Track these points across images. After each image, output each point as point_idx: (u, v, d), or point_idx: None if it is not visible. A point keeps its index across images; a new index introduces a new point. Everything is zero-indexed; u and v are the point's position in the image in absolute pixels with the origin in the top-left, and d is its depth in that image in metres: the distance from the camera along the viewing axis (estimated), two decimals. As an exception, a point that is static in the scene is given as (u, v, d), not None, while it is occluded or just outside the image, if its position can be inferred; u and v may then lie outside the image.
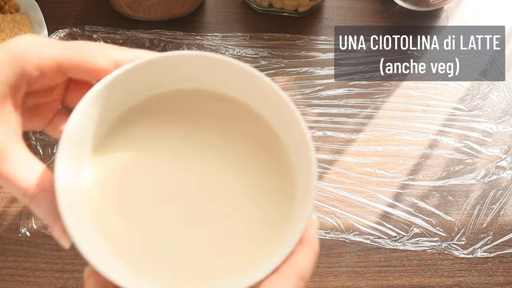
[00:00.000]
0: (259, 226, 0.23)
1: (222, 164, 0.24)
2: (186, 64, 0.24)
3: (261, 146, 0.25)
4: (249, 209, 0.24)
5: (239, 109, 0.25)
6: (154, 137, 0.25)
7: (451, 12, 0.59)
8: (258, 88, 0.23)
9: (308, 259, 0.22)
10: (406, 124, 0.51)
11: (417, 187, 0.48)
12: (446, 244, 0.46)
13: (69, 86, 0.26)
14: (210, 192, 0.24)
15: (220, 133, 0.25)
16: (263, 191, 0.24)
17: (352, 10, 0.58)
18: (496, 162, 0.49)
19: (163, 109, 0.26)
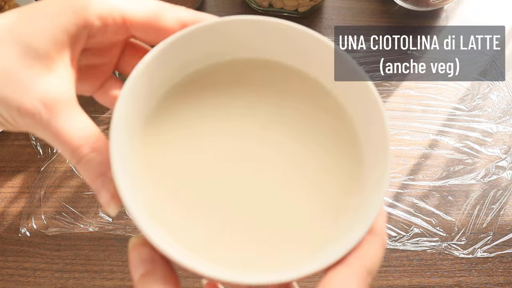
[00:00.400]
0: (329, 197, 0.22)
1: (288, 134, 0.23)
2: (251, 31, 0.22)
3: (322, 110, 0.23)
4: (319, 177, 0.22)
5: (296, 77, 0.24)
6: (212, 108, 0.23)
7: (451, 12, 0.59)
8: (321, 55, 0.22)
9: (377, 252, 0.20)
10: (406, 124, 0.51)
11: (417, 187, 0.48)
12: (446, 244, 0.45)
13: (125, 50, 0.25)
14: (278, 163, 0.22)
15: (282, 103, 0.23)
16: (335, 163, 0.22)
17: (352, 10, 0.58)
18: (496, 162, 0.49)
19: (218, 78, 0.24)
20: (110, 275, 0.43)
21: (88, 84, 0.25)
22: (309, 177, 0.22)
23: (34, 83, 0.20)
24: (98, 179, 0.20)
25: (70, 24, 0.21)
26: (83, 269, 0.44)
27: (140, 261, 0.19)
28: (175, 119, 0.23)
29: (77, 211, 0.46)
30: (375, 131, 0.21)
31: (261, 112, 0.23)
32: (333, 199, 0.22)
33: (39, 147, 0.49)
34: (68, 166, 0.48)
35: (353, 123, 0.23)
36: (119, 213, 0.46)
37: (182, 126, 0.23)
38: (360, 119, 0.22)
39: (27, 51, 0.20)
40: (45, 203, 0.46)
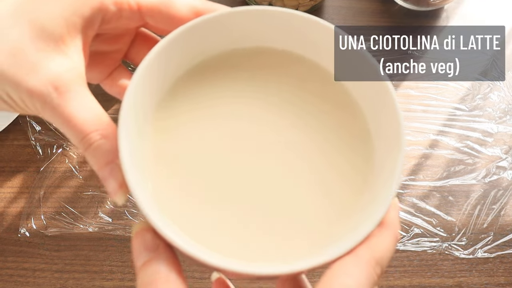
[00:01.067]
0: (337, 192, 0.21)
1: (299, 127, 0.22)
2: (263, 21, 0.22)
3: (337, 107, 0.23)
4: (326, 172, 0.22)
5: (309, 67, 0.24)
6: (224, 92, 0.23)
7: (452, 11, 0.59)
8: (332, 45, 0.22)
9: (388, 244, 0.19)
10: (406, 124, 0.51)
11: (417, 187, 0.48)
12: (446, 244, 0.45)
13: (135, 40, 0.25)
14: (284, 151, 0.22)
15: (293, 93, 0.23)
16: (343, 157, 0.22)
17: (352, 10, 0.58)
18: (497, 162, 0.49)
19: (231, 67, 0.24)
20: (110, 276, 0.43)
21: (97, 72, 0.25)
22: (322, 172, 0.22)
23: (46, 65, 0.20)
24: (106, 167, 0.20)
25: (85, 7, 0.20)
26: (82, 270, 0.44)
27: (143, 248, 0.19)
28: (188, 101, 0.23)
29: (77, 212, 0.46)
30: (387, 124, 0.20)
31: (273, 99, 0.23)
32: (343, 195, 0.22)
33: (38, 147, 0.49)
34: (68, 166, 0.48)
35: (364, 115, 0.22)
36: (119, 213, 0.46)
37: (194, 108, 0.23)
38: (371, 111, 0.22)
39: (40, 32, 0.20)
40: (44, 203, 0.46)
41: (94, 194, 0.47)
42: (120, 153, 0.19)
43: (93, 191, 0.47)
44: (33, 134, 0.49)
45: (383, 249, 0.19)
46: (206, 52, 0.24)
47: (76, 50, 0.21)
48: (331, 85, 0.23)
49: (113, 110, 0.51)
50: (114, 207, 0.46)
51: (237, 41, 0.24)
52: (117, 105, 0.51)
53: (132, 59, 0.25)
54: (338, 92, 0.23)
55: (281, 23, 0.23)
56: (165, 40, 0.21)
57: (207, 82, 0.24)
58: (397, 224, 0.20)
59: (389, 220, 0.20)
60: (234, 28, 0.23)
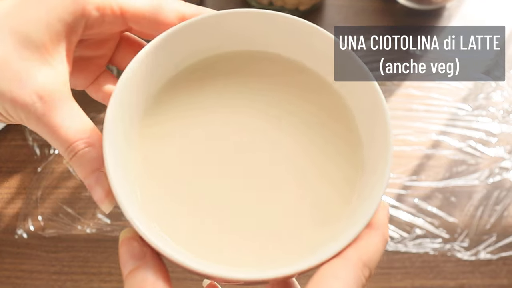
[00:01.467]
0: (324, 199, 0.21)
1: (288, 132, 0.22)
2: (249, 23, 0.22)
3: (325, 110, 0.23)
4: (314, 178, 0.22)
5: (299, 71, 0.23)
6: (211, 98, 0.23)
7: (454, 10, 0.58)
8: (327, 50, 0.22)
9: (376, 245, 0.19)
10: (408, 124, 0.51)
11: (419, 188, 0.48)
12: (449, 245, 0.45)
13: (120, 44, 0.25)
14: (271, 158, 0.22)
15: (284, 101, 0.23)
16: (331, 161, 0.22)
17: (353, 8, 0.58)
18: (500, 163, 0.49)
19: (218, 71, 0.23)
20: (108, 277, 0.43)
21: (82, 78, 0.24)
22: (311, 179, 0.22)
23: (29, 75, 0.19)
24: (92, 175, 0.20)
25: (67, 13, 0.20)
26: (80, 271, 0.43)
27: (130, 256, 0.19)
28: (174, 109, 0.23)
29: (75, 213, 0.45)
30: (378, 133, 0.20)
31: (261, 105, 0.23)
32: (333, 201, 0.22)
33: (36, 147, 0.48)
34: (65, 167, 0.47)
35: (356, 124, 0.22)
36: (117, 214, 0.45)
37: (181, 116, 0.23)
38: (364, 120, 0.22)
39: (23, 41, 0.20)
40: (42, 204, 0.46)
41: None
42: (105, 161, 0.19)
43: (91, 191, 0.47)
44: (30, 135, 0.49)
45: (371, 250, 0.19)
46: (194, 56, 0.23)
47: (60, 57, 0.21)
48: (327, 94, 0.23)
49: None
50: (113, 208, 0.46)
51: (226, 44, 0.23)
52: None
53: (118, 64, 0.25)
54: (334, 101, 0.23)
55: (273, 27, 0.22)
56: (150, 45, 0.21)
57: (195, 87, 0.23)
58: (385, 225, 0.20)
59: (377, 221, 0.20)
60: (222, 31, 0.23)
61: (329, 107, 0.23)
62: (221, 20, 0.22)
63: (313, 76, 0.23)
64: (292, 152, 0.22)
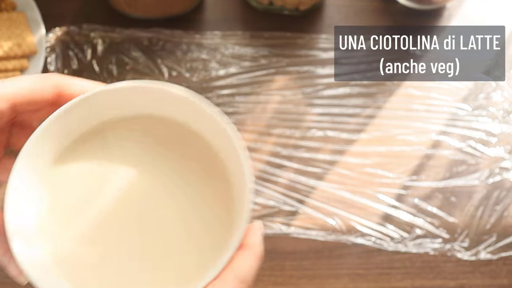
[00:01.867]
0: (204, 235, 0.25)
1: (166, 181, 0.26)
2: (134, 95, 0.25)
3: (202, 161, 0.27)
4: (194, 220, 0.25)
5: (181, 131, 0.27)
6: (101, 160, 0.26)
7: (454, 10, 0.58)
8: (199, 113, 0.25)
9: (249, 263, 0.22)
10: (408, 124, 0.51)
11: (419, 188, 0.48)
12: (449, 245, 0.45)
13: (13, 128, 0.26)
14: (154, 202, 0.26)
15: (165, 153, 0.27)
16: (209, 204, 0.26)
17: (353, 8, 0.58)
18: (500, 163, 0.49)
19: (113, 135, 0.27)
20: (108, 278, 0.43)
21: None
22: (191, 220, 0.25)
23: None
24: (2, 258, 0.22)
25: None
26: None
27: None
28: (69, 173, 0.26)
29: (75, 212, 0.45)
30: (239, 173, 0.24)
31: (149, 162, 0.26)
32: (211, 237, 0.25)
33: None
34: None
35: (226, 168, 0.26)
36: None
37: (75, 177, 0.26)
38: (231, 163, 0.26)
39: None
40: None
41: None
42: (12, 249, 0.21)
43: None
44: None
45: (245, 268, 0.22)
46: (80, 128, 0.26)
47: None
48: (202, 147, 0.27)
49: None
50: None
51: (110, 113, 0.26)
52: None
53: (15, 146, 0.26)
54: (207, 152, 0.27)
55: (148, 95, 0.25)
56: (40, 128, 0.23)
57: (84, 155, 0.26)
58: (258, 245, 0.23)
59: (250, 242, 0.23)
60: (105, 104, 0.25)
61: (204, 158, 0.27)
62: (102, 97, 0.25)
63: (190, 133, 0.27)
64: (175, 200, 0.26)
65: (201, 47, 0.54)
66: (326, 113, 0.51)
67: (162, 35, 0.55)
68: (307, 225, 0.46)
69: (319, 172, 0.48)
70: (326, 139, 0.50)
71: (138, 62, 0.53)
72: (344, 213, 0.46)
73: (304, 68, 0.54)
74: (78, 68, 0.53)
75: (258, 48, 0.54)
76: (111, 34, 0.55)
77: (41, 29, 0.52)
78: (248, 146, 0.49)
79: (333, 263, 0.44)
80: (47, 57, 0.52)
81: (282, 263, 0.44)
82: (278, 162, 0.48)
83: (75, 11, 0.56)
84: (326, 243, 0.45)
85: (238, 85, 0.52)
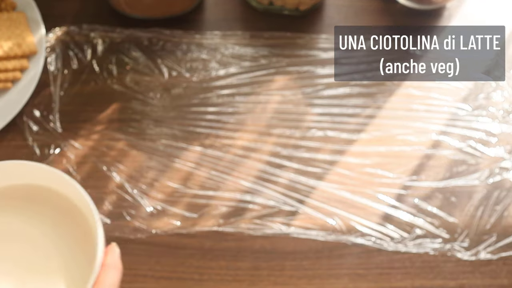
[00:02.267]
0: (74, 270, 0.32)
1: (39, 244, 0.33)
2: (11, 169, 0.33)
3: (68, 216, 0.34)
4: (62, 261, 0.32)
5: (51, 194, 0.34)
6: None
7: (454, 10, 0.58)
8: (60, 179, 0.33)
9: (111, 275, 0.30)
10: (408, 124, 0.51)
11: (419, 188, 0.48)
12: (449, 245, 0.45)
13: None
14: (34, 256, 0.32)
15: (43, 215, 0.34)
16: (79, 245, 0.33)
17: (353, 8, 0.58)
18: (500, 163, 0.49)
19: None
20: (108, 278, 0.43)
21: None
22: (56, 262, 0.32)
23: None
24: None
25: None
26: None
27: None
28: None
29: (75, 213, 0.45)
30: (90, 215, 0.32)
31: (27, 224, 0.33)
32: (79, 271, 0.32)
33: (36, 147, 0.48)
34: (65, 167, 0.47)
35: (88, 221, 0.33)
36: (118, 214, 0.45)
37: None
38: (85, 210, 0.33)
39: None
40: (42, 204, 0.46)
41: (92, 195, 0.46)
42: None
43: (91, 191, 0.46)
44: (30, 135, 0.49)
45: (108, 280, 0.30)
46: None
47: None
48: (68, 206, 0.34)
49: (111, 109, 0.51)
50: (112, 208, 0.46)
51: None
52: (115, 104, 0.51)
53: None
54: (72, 208, 0.34)
55: (23, 170, 0.33)
56: None
57: None
58: (115, 261, 0.31)
59: (110, 261, 0.31)
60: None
61: (72, 213, 0.34)
62: None
63: (59, 196, 0.34)
64: (47, 248, 0.33)
65: (201, 47, 0.54)
66: (326, 113, 0.51)
67: (162, 35, 0.55)
68: (307, 225, 0.46)
69: (319, 172, 0.48)
70: (326, 139, 0.50)
71: (138, 62, 0.53)
72: (344, 213, 0.46)
73: (304, 68, 0.54)
74: (78, 68, 0.53)
75: (258, 48, 0.55)
76: (111, 34, 0.55)
77: (41, 29, 0.52)
78: (248, 146, 0.49)
79: (333, 263, 0.44)
80: (47, 57, 0.53)
81: (282, 263, 0.44)
82: (278, 162, 0.48)
83: (75, 11, 0.56)
84: (326, 243, 0.45)
85: (238, 85, 0.52)
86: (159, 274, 0.43)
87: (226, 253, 0.44)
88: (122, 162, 0.48)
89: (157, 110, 0.51)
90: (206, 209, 0.46)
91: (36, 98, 0.51)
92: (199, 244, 0.45)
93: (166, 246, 0.44)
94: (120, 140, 0.49)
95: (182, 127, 0.50)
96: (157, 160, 0.48)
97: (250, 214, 0.46)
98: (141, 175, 0.47)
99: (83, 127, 0.50)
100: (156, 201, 0.46)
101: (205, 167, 0.48)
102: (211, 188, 0.47)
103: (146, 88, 0.52)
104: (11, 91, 0.50)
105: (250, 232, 0.45)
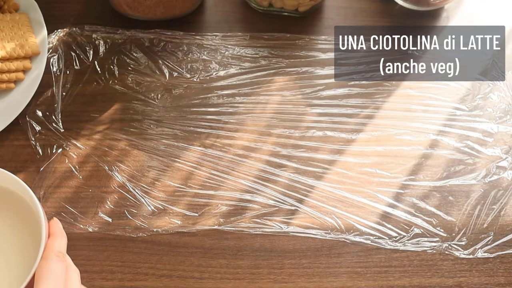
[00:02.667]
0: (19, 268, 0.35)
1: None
2: None
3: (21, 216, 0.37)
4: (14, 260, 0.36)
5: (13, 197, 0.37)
6: None
7: (452, 11, 0.59)
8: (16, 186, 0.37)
9: (58, 241, 0.34)
10: (406, 124, 0.51)
11: (417, 187, 0.48)
12: (446, 244, 0.45)
13: None
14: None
15: None
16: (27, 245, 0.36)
17: (352, 10, 0.58)
18: (497, 162, 0.49)
19: None
20: (110, 276, 0.43)
21: None
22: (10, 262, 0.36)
23: None
24: None
25: None
26: (82, 270, 0.43)
27: None
28: None
29: (77, 211, 0.46)
30: (36, 209, 0.36)
31: None
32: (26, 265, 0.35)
33: (38, 147, 0.49)
34: (68, 167, 0.48)
35: (38, 220, 0.35)
36: (119, 213, 0.46)
37: None
38: (34, 206, 0.36)
39: None
40: (44, 203, 0.46)
41: (94, 194, 0.47)
42: None
43: (93, 191, 0.47)
44: (33, 134, 0.49)
45: (56, 244, 0.34)
46: None
47: None
48: (25, 207, 0.37)
49: (113, 110, 0.51)
50: (114, 207, 0.46)
51: None
52: (117, 105, 0.51)
53: None
54: (28, 211, 0.36)
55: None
56: None
57: None
58: (59, 229, 0.36)
59: (54, 230, 0.35)
60: None
61: (26, 217, 0.37)
62: None
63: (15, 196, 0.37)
64: None
65: (201, 48, 0.55)
66: (325, 113, 0.52)
67: (163, 36, 0.55)
68: (306, 224, 0.46)
69: (318, 171, 0.48)
70: (325, 139, 0.50)
71: (139, 62, 0.54)
72: (343, 212, 0.47)
73: (304, 69, 0.54)
74: (80, 68, 0.53)
75: (258, 49, 0.55)
76: (112, 35, 0.55)
77: (43, 30, 0.52)
78: (248, 146, 0.50)
79: (332, 262, 0.44)
80: (49, 58, 0.53)
81: (281, 261, 0.44)
82: (277, 162, 0.49)
83: (77, 13, 0.57)
84: (325, 242, 0.45)
85: (238, 86, 0.53)
86: (160, 272, 0.44)
87: (226, 252, 0.45)
88: (124, 161, 0.49)
89: (158, 110, 0.51)
90: (206, 208, 0.47)
91: (38, 99, 0.51)
92: (199, 243, 0.45)
93: (167, 244, 0.45)
94: (122, 140, 0.50)
95: (183, 127, 0.50)
96: (158, 159, 0.49)
97: (250, 213, 0.46)
98: (142, 175, 0.48)
99: (85, 127, 0.50)
100: (157, 200, 0.47)
101: (206, 167, 0.48)
102: (211, 188, 0.47)
103: (147, 89, 0.52)
104: (14, 92, 0.50)
105: (250, 231, 0.46)
